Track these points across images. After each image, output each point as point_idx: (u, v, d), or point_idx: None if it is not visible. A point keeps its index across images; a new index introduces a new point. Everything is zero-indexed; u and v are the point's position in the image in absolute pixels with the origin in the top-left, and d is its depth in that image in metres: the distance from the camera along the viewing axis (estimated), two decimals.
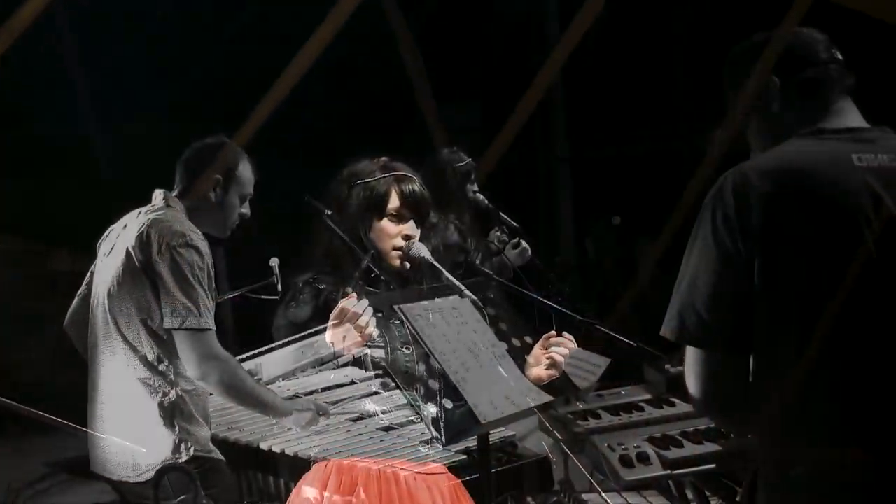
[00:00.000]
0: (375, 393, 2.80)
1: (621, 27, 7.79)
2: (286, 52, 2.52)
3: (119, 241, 3.04)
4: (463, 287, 2.55)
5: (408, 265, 2.85)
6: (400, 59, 7.76)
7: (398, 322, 2.35)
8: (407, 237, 2.85)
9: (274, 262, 3.92)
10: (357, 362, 2.80)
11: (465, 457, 2.54)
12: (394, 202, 2.86)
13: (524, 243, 4.63)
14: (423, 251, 2.81)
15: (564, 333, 2.74)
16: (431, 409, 2.25)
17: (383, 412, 2.74)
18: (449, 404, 2.24)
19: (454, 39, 8.97)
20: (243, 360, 2.86)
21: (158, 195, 3.08)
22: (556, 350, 2.71)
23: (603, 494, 3.34)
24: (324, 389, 2.86)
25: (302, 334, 2.69)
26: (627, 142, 9.29)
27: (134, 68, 7.65)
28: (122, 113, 7.47)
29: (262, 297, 3.85)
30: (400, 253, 2.85)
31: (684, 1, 8.60)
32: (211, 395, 2.93)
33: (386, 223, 2.86)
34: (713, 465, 2.13)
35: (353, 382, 2.84)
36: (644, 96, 8.89)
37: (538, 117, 9.34)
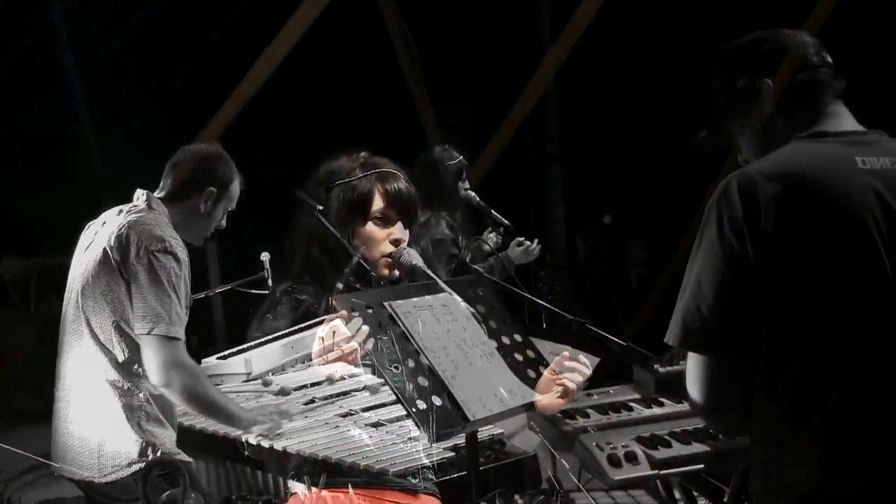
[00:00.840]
0: (364, 389, 2.79)
1: (612, 26, 7.79)
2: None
3: (97, 237, 3.02)
4: (456, 295, 2.48)
5: (397, 273, 2.67)
6: (395, 58, 7.76)
7: (385, 338, 2.28)
8: (396, 241, 2.66)
9: (265, 256, 3.92)
10: None
11: (452, 454, 2.53)
12: (377, 203, 2.64)
13: (527, 241, 4.65)
14: (414, 258, 2.62)
15: (580, 357, 2.41)
16: (420, 407, 2.24)
17: (372, 408, 2.74)
18: (438, 402, 2.23)
19: (447, 38, 8.96)
20: (232, 355, 2.85)
21: (141, 196, 3.05)
22: (569, 377, 2.35)
23: (590, 494, 3.34)
24: (313, 385, 2.86)
25: (291, 329, 2.63)
26: (618, 141, 9.30)
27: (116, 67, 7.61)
28: (83, 113, 7.41)
29: (253, 291, 3.86)
30: (390, 260, 2.66)
31: (676, 1, 8.61)
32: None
33: (371, 227, 2.65)
34: (701, 466, 2.13)
35: (342, 378, 2.83)
36: (635, 95, 8.91)
37: (530, 116, 9.34)
